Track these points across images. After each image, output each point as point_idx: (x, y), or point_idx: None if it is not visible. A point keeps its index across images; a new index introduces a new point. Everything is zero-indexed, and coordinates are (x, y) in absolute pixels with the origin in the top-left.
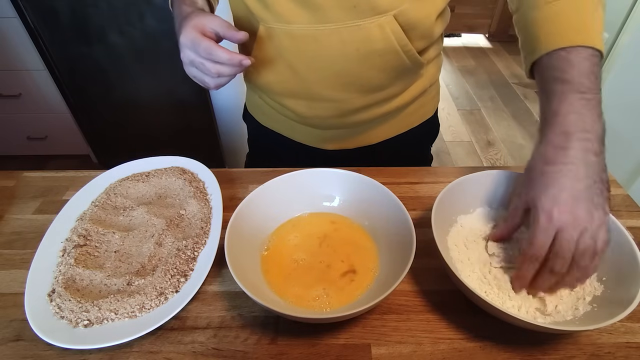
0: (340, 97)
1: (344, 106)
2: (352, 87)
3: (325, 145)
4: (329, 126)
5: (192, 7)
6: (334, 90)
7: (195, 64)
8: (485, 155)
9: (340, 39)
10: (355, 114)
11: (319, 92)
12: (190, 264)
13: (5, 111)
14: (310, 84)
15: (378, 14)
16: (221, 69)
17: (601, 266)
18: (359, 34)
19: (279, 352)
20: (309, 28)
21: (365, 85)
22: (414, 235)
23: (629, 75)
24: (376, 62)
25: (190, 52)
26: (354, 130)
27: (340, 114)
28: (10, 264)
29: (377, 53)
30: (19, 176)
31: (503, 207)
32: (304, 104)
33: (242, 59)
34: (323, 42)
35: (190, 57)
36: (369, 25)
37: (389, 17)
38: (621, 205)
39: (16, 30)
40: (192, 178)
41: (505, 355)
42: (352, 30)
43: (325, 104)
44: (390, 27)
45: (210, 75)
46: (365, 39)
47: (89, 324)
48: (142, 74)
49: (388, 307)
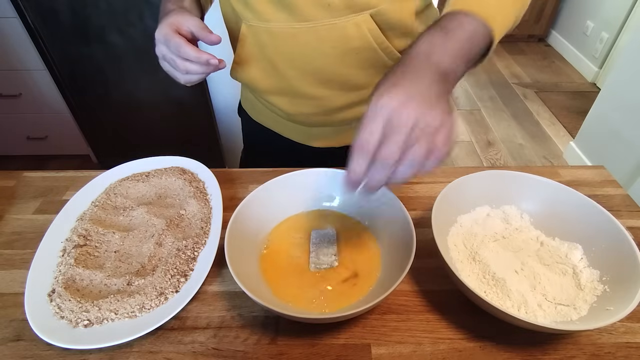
0: (320, 94)
1: (326, 104)
2: (332, 84)
3: (312, 142)
4: (314, 123)
5: (176, 5)
6: (314, 87)
7: (166, 59)
8: (485, 155)
9: (317, 37)
10: (338, 112)
11: (300, 89)
12: (190, 264)
13: (5, 111)
14: (290, 81)
15: (354, 13)
16: (189, 66)
17: (601, 266)
18: (335, 32)
19: (279, 352)
20: (286, 26)
21: (345, 83)
22: (414, 235)
23: (629, 75)
24: (354, 60)
25: (163, 47)
26: (339, 128)
27: (324, 111)
28: (10, 264)
29: (355, 51)
30: (19, 176)
31: (503, 207)
32: (287, 101)
33: (209, 58)
34: (300, 40)
35: (163, 52)
36: (345, 23)
37: (365, 16)
38: (621, 205)
39: (16, 30)
40: (192, 178)
41: (505, 355)
42: (328, 28)
43: (307, 101)
44: (366, 25)
45: (179, 72)
46: (341, 37)
47: (89, 324)
48: (142, 74)
49: (388, 307)
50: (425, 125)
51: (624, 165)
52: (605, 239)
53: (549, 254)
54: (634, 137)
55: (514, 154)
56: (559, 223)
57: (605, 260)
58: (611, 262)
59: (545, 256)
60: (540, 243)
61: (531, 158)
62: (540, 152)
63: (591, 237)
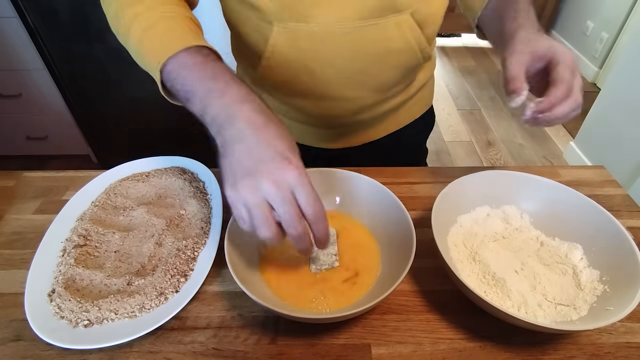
0: (352, 95)
1: (354, 105)
2: (365, 85)
3: (326, 144)
4: (329, 125)
5: (233, 78)
6: (346, 89)
7: (276, 206)
8: (485, 155)
9: (359, 37)
10: (359, 113)
11: (332, 92)
12: (190, 264)
13: (5, 111)
14: (323, 83)
15: (396, 12)
16: (306, 238)
17: (601, 266)
18: (377, 33)
19: (279, 352)
20: (328, 27)
21: (377, 84)
22: (414, 235)
23: (629, 75)
24: (392, 60)
25: (278, 191)
26: (358, 127)
27: (350, 112)
28: (10, 264)
29: (394, 51)
30: (19, 176)
31: (503, 207)
32: (314, 104)
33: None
34: (342, 41)
35: (278, 198)
36: (387, 23)
37: (406, 15)
38: (621, 205)
39: (16, 30)
40: (192, 178)
41: (505, 355)
42: (371, 28)
43: (336, 103)
44: (407, 25)
45: (300, 240)
46: (383, 38)
47: (89, 324)
48: (142, 74)
49: (388, 307)
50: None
51: (624, 165)
52: (605, 239)
53: (549, 254)
54: (634, 137)
55: (514, 154)
56: (559, 223)
57: (605, 260)
58: (611, 262)
59: (545, 256)
60: (540, 243)
61: (531, 158)
62: (540, 152)
63: (591, 237)
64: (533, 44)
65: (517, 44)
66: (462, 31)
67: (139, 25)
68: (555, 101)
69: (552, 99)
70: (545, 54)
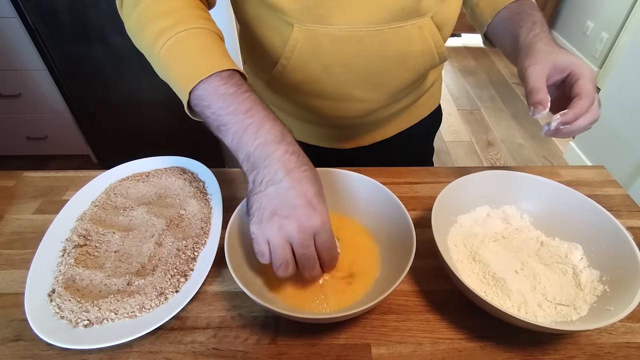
0: (365, 97)
1: (366, 106)
2: (380, 87)
3: (335, 144)
4: (343, 126)
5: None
6: (361, 91)
7: (296, 249)
8: (485, 155)
9: (381, 41)
10: (374, 113)
11: (346, 93)
12: (190, 264)
13: (5, 111)
14: (342, 85)
15: (419, 16)
16: (317, 278)
17: (601, 266)
18: (399, 36)
19: (279, 352)
20: (351, 29)
21: (393, 86)
22: (414, 235)
23: (629, 75)
24: (410, 63)
25: (301, 235)
26: (367, 127)
27: (361, 113)
28: (10, 264)
29: (414, 54)
30: (19, 176)
31: (503, 207)
32: (330, 105)
33: None
34: (364, 44)
35: (303, 245)
36: (410, 26)
37: (427, 19)
38: (621, 205)
39: (16, 30)
40: (192, 178)
41: (505, 355)
42: (394, 32)
43: (349, 104)
44: (428, 28)
45: (289, 271)
46: (405, 41)
47: (89, 324)
48: (142, 74)
49: (388, 307)
50: None
51: (624, 165)
52: (605, 239)
53: (549, 254)
54: (634, 137)
55: (514, 154)
56: (559, 223)
57: (605, 260)
58: (611, 262)
59: (545, 256)
60: (540, 243)
61: (531, 158)
62: (540, 152)
63: (591, 237)
64: (554, 56)
65: (538, 54)
66: (462, 31)
67: (165, 38)
68: (580, 113)
69: (577, 111)
70: (567, 67)
